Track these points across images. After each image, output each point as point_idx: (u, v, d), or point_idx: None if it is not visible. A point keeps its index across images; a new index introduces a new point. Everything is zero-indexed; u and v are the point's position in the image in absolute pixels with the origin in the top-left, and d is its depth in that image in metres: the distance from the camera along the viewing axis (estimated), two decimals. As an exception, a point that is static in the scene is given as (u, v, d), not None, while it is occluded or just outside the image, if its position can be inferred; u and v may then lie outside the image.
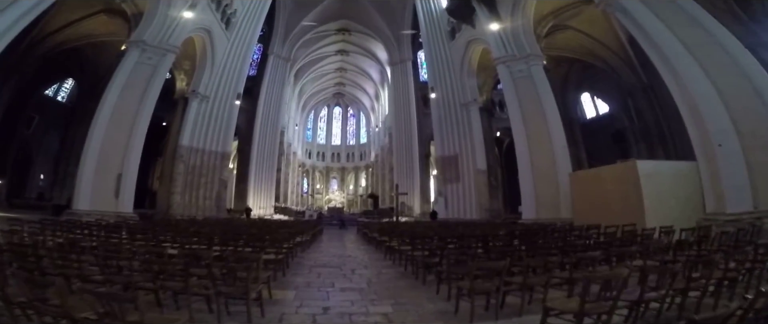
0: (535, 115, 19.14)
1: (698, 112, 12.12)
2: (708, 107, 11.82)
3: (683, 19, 12.88)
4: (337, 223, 30.01)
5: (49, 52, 25.04)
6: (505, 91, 20.70)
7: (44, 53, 24.88)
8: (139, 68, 19.19)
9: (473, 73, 26.01)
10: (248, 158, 32.21)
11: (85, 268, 5.65)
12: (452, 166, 24.62)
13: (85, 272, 5.49)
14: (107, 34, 24.14)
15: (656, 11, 13.37)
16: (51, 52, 25.20)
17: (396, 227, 15.34)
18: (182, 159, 22.31)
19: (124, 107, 18.07)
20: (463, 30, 26.05)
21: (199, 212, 22.21)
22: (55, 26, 23.66)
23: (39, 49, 24.34)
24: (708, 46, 12.28)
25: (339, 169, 54.94)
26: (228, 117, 25.47)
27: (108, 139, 17.21)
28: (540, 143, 18.54)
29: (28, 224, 10.50)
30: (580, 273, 6.07)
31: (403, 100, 35.52)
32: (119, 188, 16.92)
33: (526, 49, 20.62)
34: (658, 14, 13.30)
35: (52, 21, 23.21)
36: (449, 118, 25.91)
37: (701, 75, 12.08)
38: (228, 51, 26.32)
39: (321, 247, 14.12)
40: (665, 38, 13.03)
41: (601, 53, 26.31)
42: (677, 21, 12.93)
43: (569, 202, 16.85)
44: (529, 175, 18.33)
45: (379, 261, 10.76)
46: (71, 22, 23.85)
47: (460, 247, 8.55)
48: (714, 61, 12.05)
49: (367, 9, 36.99)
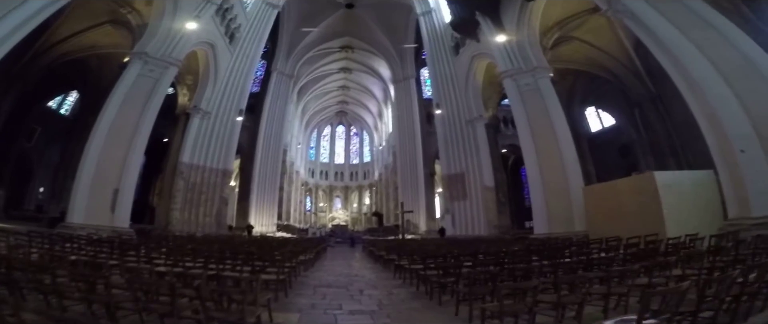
0: (543, 129, 18.52)
1: (716, 118, 11.64)
2: (727, 112, 11.35)
3: (695, 21, 12.47)
4: (340, 240, 29.26)
5: (53, 62, 24.61)
6: (513, 105, 20.13)
7: (49, 64, 24.47)
8: (140, 81, 18.70)
9: (478, 89, 25.50)
10: (250, 176, 31.53)
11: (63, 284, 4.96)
12: (459, 183, 23.89)
13: (60, 289, 4.80)
14: (112, 45, 23.79)
15: (667, 14, 12.95)
16: (55, 63, 24.74)
17: (404, 245, 14.54)
18: (182, 176, 21.65)
19: (123, 120, 17.49)
20: (467, 45, 25.66)
21: (198, 229, 21.43)
22: (60, 36, 23.35)
23: (44, 59, 23.98)
24: (722, 48, 11.84)
25: (342, 188, 54.21)
26: (230, 134, 24.90)
27: (106, 152, 16.57)
28: (550, 157, 17.87)
29: (13, 235, 9.79)
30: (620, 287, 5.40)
31: (406, 117, 35.02)
32: (115, 203, 16.21)
33: (532, 61, 20.13)
34: (669, 17, 12.89)
35: (57, 31, 22.99)
36: (455, 136, 25.28)
37: (718, 78, 11.63)
38: (231, 66, 25.93)
39: (325, 266, 13.32)
40: (678, 42, 12.60)
41: (606, 64, 25.81)
42: (689, 23, 12.53)
43: (582, 216, 16.22)
44: (540, 189, 17.63)
45: (388, 280, 9.98)
46: (77, 32, 23.45)
47: (478, 265, 7.80)
48: (730, 64, 11.60)
49: (370, 26, 36.87)
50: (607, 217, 14.28)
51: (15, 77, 23.17)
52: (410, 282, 9.08)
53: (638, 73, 25.32)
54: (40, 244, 9.54)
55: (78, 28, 23.42)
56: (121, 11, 20.71)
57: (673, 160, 24.12)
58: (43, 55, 23.86)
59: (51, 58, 24.37)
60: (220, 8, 23.28)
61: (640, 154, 30.61)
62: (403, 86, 36.27)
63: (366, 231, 41.36)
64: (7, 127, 23.84)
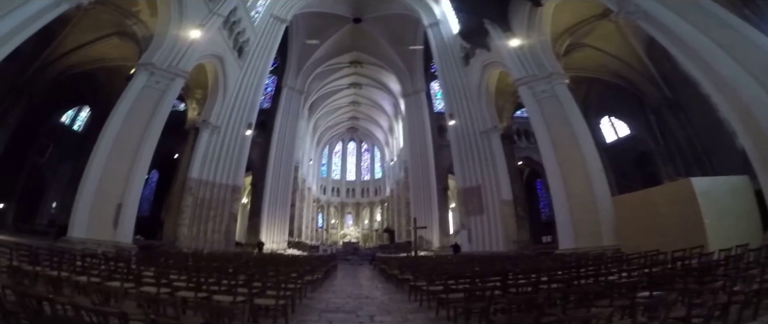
0: (564, 137, 17.30)
1: (753, 119, 10.72)
2: (764, 111, 10.47)
3: (711, 21, 11.75)
4: (351, 257, 27.93)
5: (60, 74, 24.15)
6: (530, 114, 18.98)
7: (56, 76, 24.01)
8: (146, 92, 18.01)
9: (491, 99, 24.45)
10: (262, 192, 30.59)
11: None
12: (475, 197, 22.57)
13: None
14: (120, 58, 23.24)
15: (682, 14, 12.20)
16: (63, 75, 24.28)
17: (419, 263, 13.26)
18: (191, 191, 20.75)
19: (128, 133, 16.72)
20: (477, 54, 24.80)
21: (207, 245, 20.41)
22: (67, 48, 22.93)
23: (50, 71, 23.58)
24: (746, 47, 11.06)
25: (354, 205, 52.97)
26: (240, 149, 24.02)
27: (109, 166, 15.77)
28: (573, 167, 16.60)
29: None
30: None
31: (418, 132, 33.93)
32: (118, 218, 15.31)
33: (547, 68, 19.15)
34: (685, 17, 12.14)
35: (64, 42, 22.64)
36: (469, 148, 24.10)
37: (749, 78, 10.78)
38: (240, 80, 25.26)
39: (334, 286, 12.11)
40: (700, 41, 11.80)
41: (620, 70, 24.74)
42: (706, 23, 11.81)
43: (612, 228, 15.00)
44: (565, 201, 16.31)
45: (402, 303, 8.74)
46: (83, 44, 22.97)
47: (509, 286, 6.58)
48: (755, 62, 10.79)
49: (378, 40, 36.24)
50: (640, 229, 13.13)
51: (21, 90, 22.78)
52: (427, 305, 7.88)
53: (653, 78, 24.39)
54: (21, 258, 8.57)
55: (84, 40, 22.91)
56: (127, 22, 20.23)
57: (697, 167, 22.84)
58: (49, 66, 23.45)
59: (58, 70, 23.93)
60: (228, 21, 22.73)
61: (660, 163, 29.36)
62: (413, 100, 35.30)
63: (377, 248, 39.92)
64: (16, 140, 23.38)
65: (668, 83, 23.74)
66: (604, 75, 25.21)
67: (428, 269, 10.12)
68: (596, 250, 14.10)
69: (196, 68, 23.40)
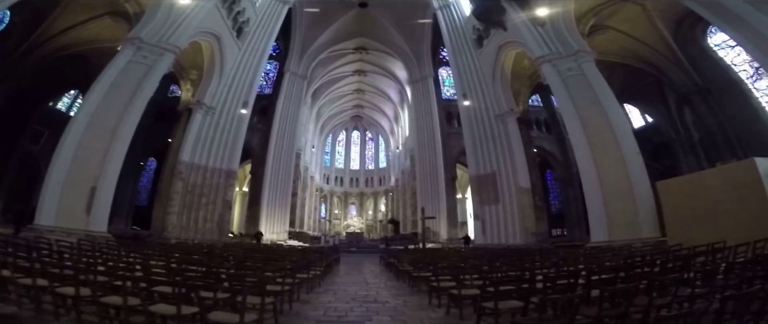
0: (595, 118, 15.05)
1: None
2: None
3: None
4: (355, 248, 25.83)
5: (48, 57, 22.61)
6: (556, 93, 16.74)
7: (44, 58, 22.39)
8: (130, 68, 15.98)
9: (507, 82, 22.14)
10: (262, 180, 28.41)
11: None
12: (490, 185, 20.30)
13: None
14: (112, 39, 21.24)
15: None
16: (51, 58, 22.79)
17: (436, 257, 11.04)
18: (181, 176, 18.58)
19: (107, 111, 14.63)
20: (491, 35, 22.62)
21: (198, 236, 18.29)
22: (57, 29, 21.37)
23: (38, 53, 21.95)
24: None
25: (357, 195, 50.75)
26: (235, 131, 21.78)
27: (83, 145, 13.70)
28: (606, 152, 14.38)
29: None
30: None
31: (425, 119, 31.59)
32: (92, 203, 13.16)
33: (572, 45, 17.09)
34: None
35: (54, 23, 21.07)
36: (483, 132, 21.84)
37: None
38: (239, 61, 23.05)
39: (336, 284, 9.91)
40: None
41: (645, 55, 23.00)
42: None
43: (651, 219, 13.02)
44: (597, 189, 14.08)
45: (422, 310, 6.54)
46: (74, 25, 21.46)
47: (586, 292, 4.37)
48: None
49: (384, 26, 33.89)
50: (692, 218, 10.99)
51: (6, 72, 20.85)
52: (459, 314, 5.70)
53: (681, 63, 22.50)
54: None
55: (75, 21, 21.37)
56: (120, 0, 18.33)
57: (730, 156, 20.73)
58: (37, 49, 21.93)
59: (46, 51, 22.39)
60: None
61: (681, 155, 27.36)
62: (420, 86, 32.93)
63: (382, 239, 37.81)
64: (3, 124, 21.41)
65: (698, 69, 21.82)
66: (627, 60, 23.57)
67: (453, 266, 7.91)
68: (631, 243, 11.97)
69: (192, 48, 21.65)
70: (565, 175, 31.10)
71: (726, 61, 21.14)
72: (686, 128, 27.39)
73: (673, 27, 21.35)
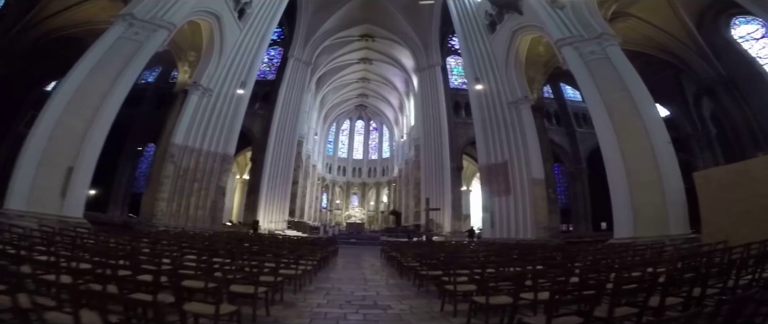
0: (621, 104, 13.54)
1: None
2: None
3: None
4: (356, 240, 24.45)
5: (43, 37, 21.68)
6: (578, 78, 15.15)
7: (37, 38, 21.28)
8: (120, 44, 14.69)
9: (521, 69, 20.57)
10: (261, 167, 26.99)
11: None
12: (501, 175, 18.77)
13: None
14: (108, 21, 19.85)
15: None
16: (46, 38, 21.89)
17: (446, 252, 9.61)
18: (173, 159, 17.16)
19: (91, 87, 13.26)
20: (505, 20, 21.13)
21: (188, 223, 16.93)
22: (52, 10, 20.55)
23: (31, 34, 20.95)
24: None
25: (360, 185, 49.25)
26: (233, 114, 20.33)
27: (62, 123, 12.32)
28: (633, 140, 12.87)
29: None
30: None
31: (432, 108, 29.96)
32: (68, 185, 11.78)
33: (595, 28, 15.54)
34: None
35: (49, 5, 20.25)
36: (495, 120, 20.31)
37: None
38: (239, 42, 21.65)
39: (331, 280, 8.50)
40: None
41: (667, 45, 21.88)
42: None
43: (681, 214, 11.64)
44: (624, 180, 12.55)
45: (434, 319, 5.12)
46: (70, 5, 20.65)
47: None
48: None
49: (391, 13, 32.19)
50: (734, 213, 9.50)
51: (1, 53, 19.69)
52: (467, 321, 4.30)
53: (705, 55, 21.20)
54: None
55: (71, 2, 20.52)
56: None
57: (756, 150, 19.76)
58: (32, 29, 20.87)
59: (40, 32, 21.33)
60: (228, -20, 19.08)
61: (697, 150, 26.02)
62: (427, 75, 31.26)
63: (383, 231, 36.41)
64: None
65: (722, 60, 20.70)
66: (648, 49, 22.51)
67: (472, 263, 6.48)
68: (660, 240, 10.52)
69: (191, 28, 20.36)
70: (573, 169, 29.65)
71: (751, 53, 19.98)
72: (703, 122, 26.05)
73: (696, 17, 20.42)
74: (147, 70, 32.55)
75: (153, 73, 31.87)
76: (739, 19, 20.26)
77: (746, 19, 19.96)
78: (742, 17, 19.99)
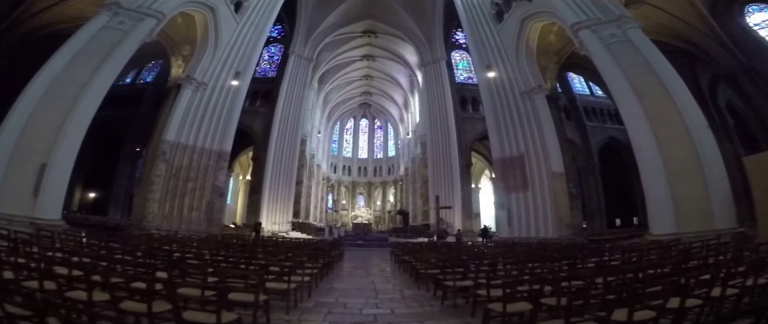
0: (650, 88, 12.09)
1: None
2: None
3: None
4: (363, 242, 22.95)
5: (32, 34, 20.29)
6: (598, 61, 13.67)
7: (26, 34, 20.03)
8: (104, 34, 13.32)
9: (533, 55, 19.10)
10: (263, 166, 25.55)
11: None
12: (517, 169, 17.20)
13: None
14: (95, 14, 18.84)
15: None
16: (35, 35, 20.53)
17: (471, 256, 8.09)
18: (164, 157, 15.72)
19: (69, 78, 11.88)
20: (513, 8, 19.81)
21: (182, 226, 15.46)
22: (40, 6, 19.31)
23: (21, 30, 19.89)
24: None
25: (365, 184, 47.68)
26: (229, 109, 18.85)
27: (37, 114, 10.91)
28: (668, 126, 11.36)
29: None
30: None
31: (438, 103, 28.46)
32: (40, 184, 10.35)
33: (613, 11, 14.23)
34: None
35: (37, 2, 18.99)
36: (508, 111, 18.81)
37: None
38: (236, 35, 20.25)
39: (333, 293, 7.00)
40: None
41: (683, 32, 20.59)
42: None
43: (728, 205, 10.21)
44: (660, 171, 11.02)
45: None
46: (58, 1, 19.29)
47: None
48: None
49: (393, 8, 30.96)
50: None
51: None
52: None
53: (723, 42, 19.90)
54: None
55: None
56: None
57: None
58: (20, 25, 19.83)
59: (29, 28, 20.21)
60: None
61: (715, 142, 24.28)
62: (432, 70, 29.78)
63: (391, 231, 34.89)
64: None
65: (741, 48, 19.63)
66: (663, 37, 21.18)
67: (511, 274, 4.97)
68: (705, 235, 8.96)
69: (185, 21, 19.03)
70: (586, 163, 28.05)
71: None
72: (720, 113, 24.56)
73: (709, 6, 19.51)
74: (146, 70, 31.48)
75: (152, 72, 30.65)
76: (752, 7, 19.66)
77: (759, 6, 19.41)
78: (755, 5, 19.47)
